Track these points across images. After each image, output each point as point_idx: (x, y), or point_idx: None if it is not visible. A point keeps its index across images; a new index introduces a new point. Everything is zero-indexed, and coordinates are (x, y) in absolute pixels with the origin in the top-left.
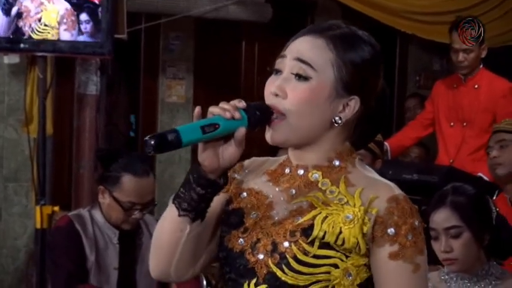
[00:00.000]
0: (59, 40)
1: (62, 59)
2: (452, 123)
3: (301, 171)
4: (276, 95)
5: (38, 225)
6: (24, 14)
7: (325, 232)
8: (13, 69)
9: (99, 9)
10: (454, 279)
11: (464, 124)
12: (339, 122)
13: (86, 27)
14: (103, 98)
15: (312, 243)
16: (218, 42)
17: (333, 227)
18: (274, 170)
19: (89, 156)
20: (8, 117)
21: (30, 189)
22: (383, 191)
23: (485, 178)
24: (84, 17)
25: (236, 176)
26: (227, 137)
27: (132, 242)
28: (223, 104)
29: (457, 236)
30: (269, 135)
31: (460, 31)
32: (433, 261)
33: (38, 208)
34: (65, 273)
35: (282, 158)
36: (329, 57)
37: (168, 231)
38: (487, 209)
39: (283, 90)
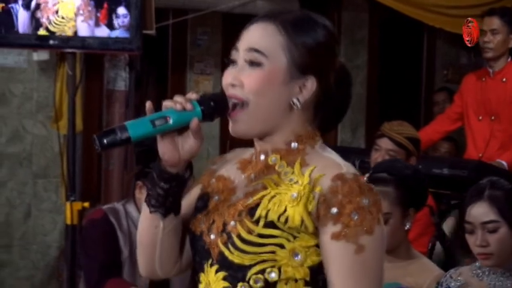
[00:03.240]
0: (88, 37)
1: (91, 55)
2: (480, 117)
3: (262, 156)
4: (233, 85)
5: (68, 221)
6: (42, 5)
7: (268, 210)
8: (42, 66)
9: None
10: (487, 273)
11: (493, 118)
12: (297, 104)
13: (124, 21)
14: (132, 94)
15: (257, 222)
16: None
17: (278, 205)
18: (245, 158)
19: (118, 152)
20: (37, 113)
21: (59, 185)
22: (330, 170)
23: (504, 163)
24: (122, 10)
25: (212, 166)
26: (183, 129)
27: None
28: (176, 97)
29: (494, 230)
30: (231, 127)
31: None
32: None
33: (68, 204)
34: (98, 264)
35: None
36: (279, 42)
37: (145, 229)
38: None
39: (239, 79)
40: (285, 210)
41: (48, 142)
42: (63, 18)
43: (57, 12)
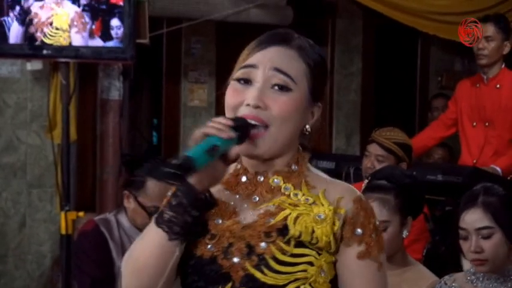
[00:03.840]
0: (81, 46)
1: (85, 64)
2: (474, 123)
3: (261, 178)
4: (257, 107)
5: (63, 231)
6: (35, 20)
7: (300, 232)
8: (36, 75)
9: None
10: (481, 279)
11: (487, 124)
12: (309, 130)
13: (118, 33)
14: (126, 103)
15: (288, 243)
16: (239, 46)
17: (305, 226)
18: (227, 179)
19: (113, 161)
20: (32, 123)
21: (54, 195)
22: (346, 192)
23: (498, 169)
24: (116, 22)
25: None
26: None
27: None
28: (215, 124)
29: (489, 236)
30: (247, 148)
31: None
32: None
33: (62, 214)
34: (91, 279)
35: (231, 168)
36: (302, 68)
37: (156, 256)
38: None
39: (263, 102)
40: (313, 231)
41: (43, 152)
42: (57, 29)
43: (51, 24)
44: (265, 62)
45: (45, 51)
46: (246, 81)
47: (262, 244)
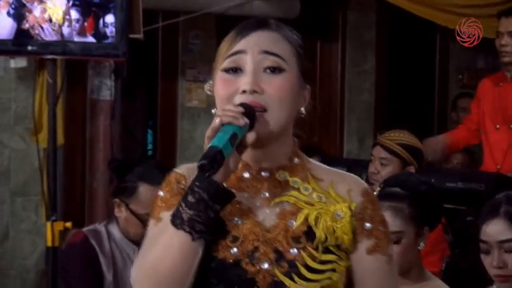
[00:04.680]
0: (69, 41)
1: (73, 62)
2: (497, 126)
3: (265, 173)
4: (254, 92)
5: (49, 243)
6: (27, 15)
7: (326, 235)
8: (20, 73)
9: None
10: None
11: (511, 126)
12: (304, 113)
13: (113, 30)
14: (118, 104)
15: (317, 249)
16: None
17: (327, 227)
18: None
19: (104, 167)
20: (15, 126)
21: (39, 204)
22: (355, 185)
23: None
24: (110, 18)
25: (179, 186)
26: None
27: None
28: (228, 112)
29: None
30: (251, 136)
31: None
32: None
33: (48, 224)
34: None
35: None
36: (290, 49)
37: (179, 260)
38: None
39: (259, 86)
40: (334, 231)
41: (28, 157)
42: (55, 25)
43: (50, 20)
44: (252, 47)
45: (29, 47)
46: (235, 70)
47: (292, 250)
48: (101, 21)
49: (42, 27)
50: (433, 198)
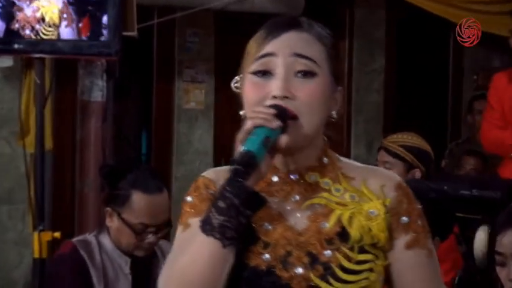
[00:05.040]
0: (58, 39)
1: (62, 61)
2: None
3: (295, 176)
4: (285, 97)
5: (36, 254)
6: (18, 14)
7: (361, 235)
8: (6, 73)
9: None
10: None
11: None
12: (335, 117)
13: (105, 27)
14: (110, 106)
15: (352, 249)
16: (242, 40)
17: (362, 226)
18: None
19: (95, 173)
20: (0, 129)
21: (26, 212)
22: (387, 179)
23: None
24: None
25: (209, 191)
26: None
27: (146, 271)
28: (260, 114)
29: None
30: (283, 139)
31: None
32: None
33: (36, 234)
34: None
35: None
36: (322, 51)
37: (209, 268)
38: None
39: (290, 92)
40: (370, 230)
41: (14, 162)
42: (50, 26)
43: (43, 20)
44: (283, 49)
45: (16, 46)
46: (265, 73)
47: (326, 252)
48: (98, 20)
49: (33, 28)
50: (445, 206)
